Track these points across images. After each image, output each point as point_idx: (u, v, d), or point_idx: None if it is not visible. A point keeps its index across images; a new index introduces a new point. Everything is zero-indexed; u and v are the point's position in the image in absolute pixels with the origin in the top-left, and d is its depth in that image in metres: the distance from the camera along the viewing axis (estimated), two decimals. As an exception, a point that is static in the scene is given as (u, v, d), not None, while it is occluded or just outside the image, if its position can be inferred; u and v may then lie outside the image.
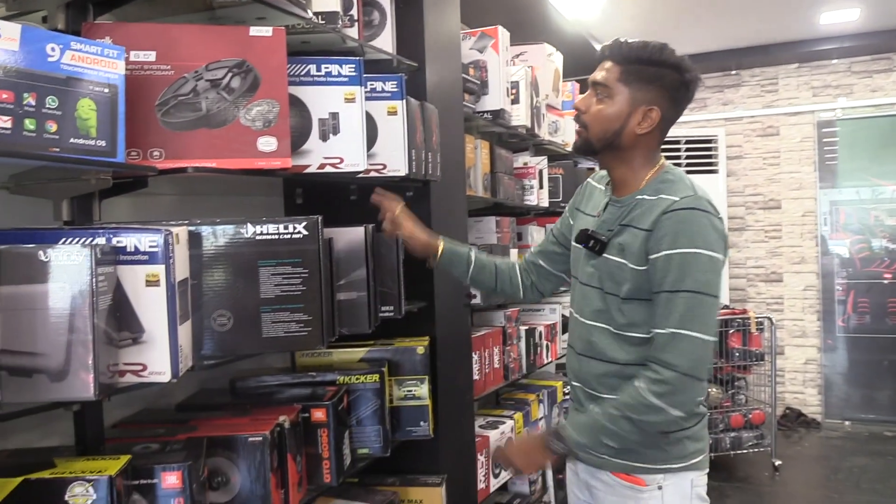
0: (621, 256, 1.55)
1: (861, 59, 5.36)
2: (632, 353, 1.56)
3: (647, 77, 1.55)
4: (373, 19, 2.05)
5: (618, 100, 1.56)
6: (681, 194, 1.51)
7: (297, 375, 1.83)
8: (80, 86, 1.19)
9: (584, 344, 1.64)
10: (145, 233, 1.22)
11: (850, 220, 5.39)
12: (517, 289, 1.93)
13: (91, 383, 1.11)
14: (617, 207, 1.61)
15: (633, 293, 1.54)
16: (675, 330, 1.46)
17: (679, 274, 1.46)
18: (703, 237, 1.47)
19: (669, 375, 1.46)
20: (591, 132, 1.61)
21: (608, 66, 1.58)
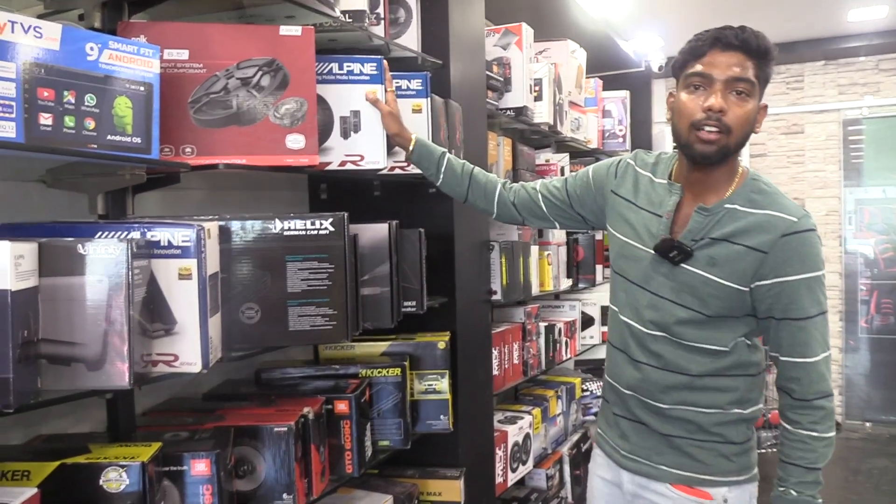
0: (711, 272, 1.45)
1: (889, 56, 5.29)
2: (705, 364, 1.49)
3: (767, 73, 1.45)
4: (399, 17, 2.07)
5: (755, 98, 1.44)
6: (795, 213, 1.43)
7: (321, 368, 1.87)
8: (117, 84, 1.23)
9: (646, 353, 1.54)
10: (179, 227, 1.26)
11: (875, 220, 5.33)
12: (490, 204, 1.81)
13: (126, 372, 1.15)
14: (704, 216, 1.46)
15: (723, 311, 1.46)
16: (819, 357, 1.44)
17: (810, 299, 1.43)
18: (821, 257, 1.45)
19: (831, 405, 1.46)
20: (734, 137, 1.42)
21: (743, 61, 1.41)
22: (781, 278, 1.42)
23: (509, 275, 2.57)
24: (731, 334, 1.49)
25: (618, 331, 1.62)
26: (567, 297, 3.59)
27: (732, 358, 1.50)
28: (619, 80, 4.60)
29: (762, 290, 1.44)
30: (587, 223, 1.77)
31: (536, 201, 1.77)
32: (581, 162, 3.51)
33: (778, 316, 1.45)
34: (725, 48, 1.41)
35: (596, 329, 3.64)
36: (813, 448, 1.44)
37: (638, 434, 1.58)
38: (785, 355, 1.46)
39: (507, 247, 2.55)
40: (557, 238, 3.19)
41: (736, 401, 1.52)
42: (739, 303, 1.46)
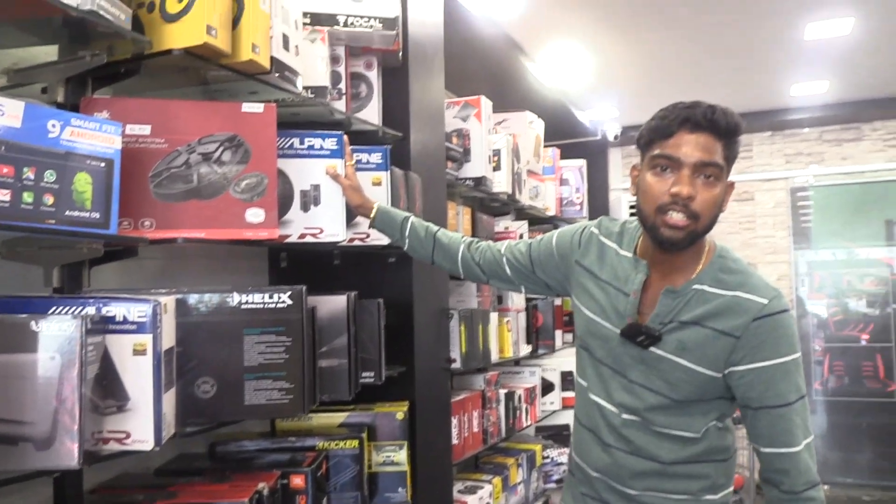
0: (681, 356, 1.39)
1: (831, 128, 5.56)
2: (676, 451, 1.44)
3: (735, 152, 1.39)
4: (360, 91, 2.13)
5: (724, 180, 1.38)
6: (766, 294, 1.37)
7: (277, 440, 1.84)
8: (78, 160, 1.24)
9: (616, 436, 1.47)
10: (134, 303, 1.26)
11: (825, 284, 5.50)
12: (455, 265, 1.79)
13: (76, 452, 1.12)
14: (672, 299, 1.41)
15: (693, 395, 1.41)
16: (802, 445, 1.37)
17: (788, 385, 1.36)
18: (796, 339, 1.39)
19: (821, 495, 1.38)
20: (702, 223, 1.36)
21: (711, 143, 1.34)
22: (755, 364, 1.36)
23: (468, 342, 2.58)
24: (703, 419, 1.44)
25: (586, 410, 1.55)
26: (527, 363, 3.61)
27: (704, 444, 1.45)
28: (576, 148, 4.75)
29: (736, 376, 1.38)
30: (550, 289, 1.72)
31: (501, 264, 1.74)
32: (540, 229, 3.58)
33: (755, 405, 1.39)
34: (694, 129, 1.34)
35: (556, 395, 3.65)
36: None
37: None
38: (767, 446, 1.39)
39: (466, 314, 2.58)
40: (517, 304, 3.22)
41: (707, 487, 1.46)
42: (711, 388, 1.41)
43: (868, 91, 5.00)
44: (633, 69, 4.28)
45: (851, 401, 5.37)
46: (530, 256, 1.70)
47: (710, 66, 4.30)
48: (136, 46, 1.40)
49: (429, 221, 2.32)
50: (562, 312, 3.72)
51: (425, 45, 2.41)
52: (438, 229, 1.82)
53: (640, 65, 4.21)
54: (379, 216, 1.81)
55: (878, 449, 5.29)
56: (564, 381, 3.69)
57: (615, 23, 3.50)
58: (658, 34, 3.72)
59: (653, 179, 1.38)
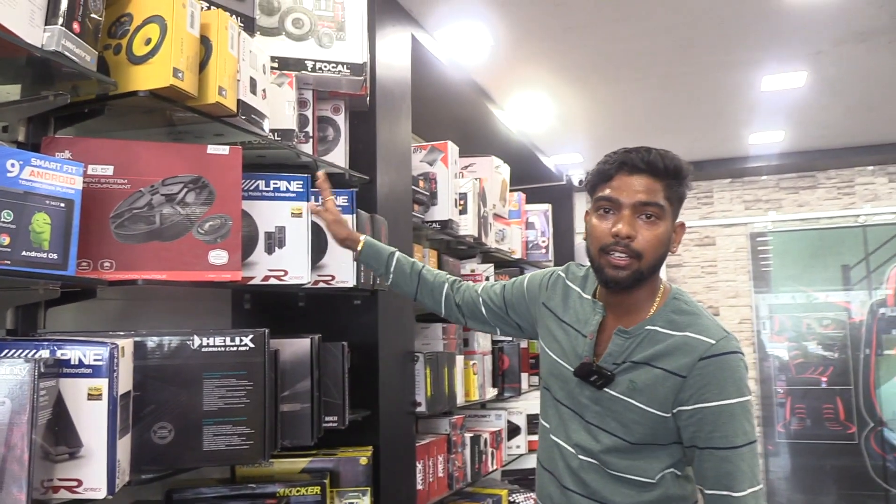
0: (632, 397, 1.39)
1: (788, 175, 5.72)
2: (631, 496, 1.42)
3: (680, 193, 1.43)
4: (327, 135, 2.14)
5: (667, 220, 1.40)
6: (714, 335, 1.38)
7: (236, 487, 1.79)
8: (37, 200, 1.22)
9: (574, 479, 1.47)
10: (90, 346, 1.23)
11: (785, 327, 5.60)
12: (438, 304, 1.79)
13: (24, 501, 1.08)
14: (624, 339, 1.42)
15: (647, 438, 1.40)
16: (747, 492, 1.33)
17: (733, 428, 1.34)
18: (745, 383, 1.37)
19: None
20: (646, 261, 1.38)
21: (651, 184, 1.38)
22: (701, 404, 1.35)
23: (434, 385, 2.57)
24: (658, 464, 1.42)
25: (548, 452, 1.54)
26: (493, 407, 3.59)
27: (659, 491, 1.42)
28: (542, 193, 4.81)
29: (683, 416, 1.37)
30: (523, 332, 1.74)
31: (478, 305, 1.76)
32: (506, 272, 3.60)
33: (701, 445, 1.37)
34: (632, 171, 1.39)
35: (522, 438, 3.63)
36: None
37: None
38: (710, 488, 1.37)
39: (431, 357, 2.56)
40: (483, 347, 3.22)
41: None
42: (663, 430, 1.40)
43: (822, 141, 5.17)
44: (595, 117, 4.38)
45: (813, 443, 5.43)
46: (504, 298, 1.73)
47: (671, 115, 4.42)
48: (101, 87, 1.40)
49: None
50: (528, 355, 3.72)
51: (393, 90, 2.44)
52: (423, 266, 1.83)
53: (602, 113, 4.31)
54: (366, 249, 1.79)
55: (840, 491, 5.33)
56: (530, 425, 3.67)
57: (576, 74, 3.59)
58: (621, 85, 3.82)
59: (596, 221, 1.43)
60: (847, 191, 5.62)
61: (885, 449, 5.30)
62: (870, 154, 5.30)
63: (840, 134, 4.99)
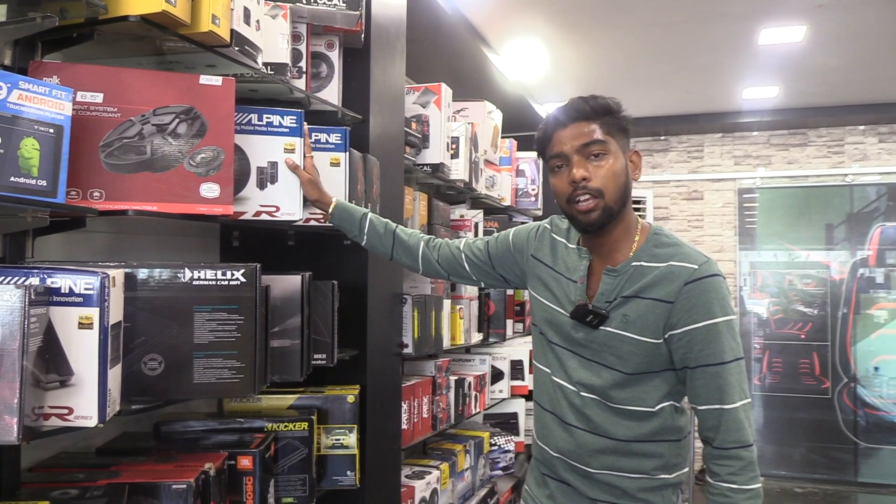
0: (626, 329, 1.49)
1: (779, 132, 5.72)
2: (633, 428, 1.52)
3: (619, 125, 1.51)
4: (321, 71, 2.10)
5: (616, 153, 1.49)
6: (696, 261, 1.47)
7: (225, 421, 1.81)
8: (26, 125, 1.19)
9: (577, 415, 1.56)
10: (81, 275, 1.22)
11: (767, 283, 5.67)
12: (415, 262, 1.86)
13: (15, 426, 1.09)
14: (613, 277, 1.51)
15: (642, 367, 1.50)
16: (737, 404, 1.45)
17: (721, 345, 1.45)
18: (729, 302, 1.47)
19: (751, 455, 1.45)
20: (609, 196, 1.48)
21: (585, 126, 1.48)
22: (689, 326, 1.45)
23: (421, 328, 2.58)
24: (656, 393, 1.51)
25: (549, 393, 1.63)
26: (477, 351, 3.63)
27: (658, 422, 1.52)
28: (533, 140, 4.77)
29: (674, 339, 1.47)
30: (508, 283, 1.83)
31: (460, 261, 1.83)
32: (494, 219, 3.60)
33: (692, 364, 1.47)
34: (566, 123, 1.50)
35: (505, 383, 3.68)
36: (734, 501, 1.44)
37: (565, 496, 1.60)
38: (702, 404, 1.48)
39: (419, 300, 2.57)
40: (469, 292, 3.24)
41: (661, 466, 1.54)
42: (656, 356, 1.49)
43: (816, 98, 5.15)
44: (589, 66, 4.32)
45: (788, 397, 5.56)
46: (489, 253, 1.81)
47: (666, 66, 4.37)
48: (90, 10, 1.35)
49: (385, 206, 2.32)
50: (513, 302, 3.75)
51: (388, 28, 2.39)
52: (397, 226, 1.88)
53: (596, 62, 4.26)
54: (337, 212, 1.83)
55: (810, 444, 5.49)
56: (514, 370, 3.72)
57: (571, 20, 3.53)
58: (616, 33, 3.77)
59: (554, 180, 1.54)
60: (837, 149, 5.63)
61: (857, 404, 5.44)
62: (863, 113, 5.30)
63: (834, 91, 4.98)
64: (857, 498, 5.19)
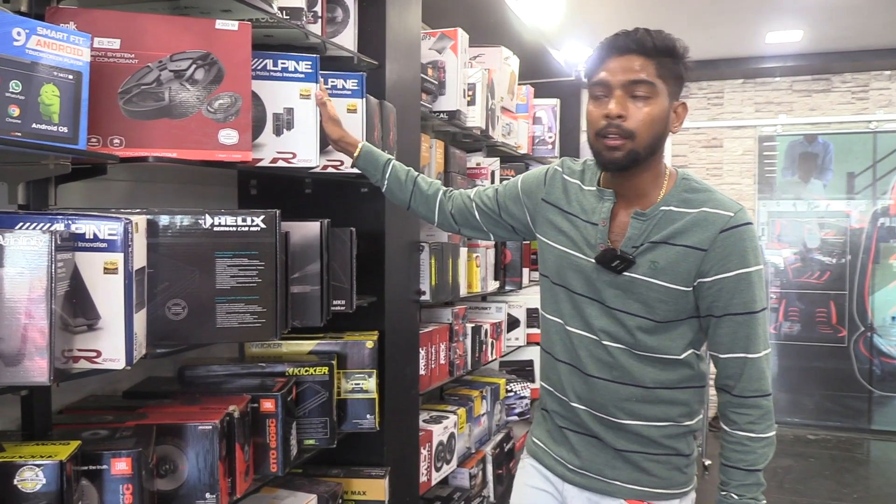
0: (655, 276, 1.43)
1: (802, 78, 5.59)
2: (660, 375, 1.48)
3: (676, 71, 1.42)
4: (336, 16, 2.07)
5: (661, 99, 1.40)
6: (731, 208, 1.42)
7: (247, 366, 1.85)
8: (45, 71, 1.19)
9: (599, 365, 1.50)
10: (105, 220, 1.23)
11: (786, 232, 5.62)
12: (432, 212, 1.80)
13: (46, 368, 1.12)
14: (642, 221, 1.45)
15: (672, 315, 1.45)
16: (762, 354, 1.44)
17: (751, 294, 1.42)
18: (760, 252, 1.44)
19: (769, 404, 1.45)
20: (640, 141, 1.40)
21: (640, 62, 1.39)
22: (722, 275, 1.41)
23: (438, 276, 2.60)
24: (681, 340, 1.48)
25: (564, 343, 1.55)
26: (494, 299, 3.66)
27: (684, 369, 1.49)
28: (550, 88, 4.71)
29: (704, 287, 1.43)
30: (516, 234, 1.75)
31: (471, 210, 1.77)
32: (511, 167, 3.58)
33: (718, 313, 1.43)
34: (621, 52, 1.40)
35: (521, 331, 3.72)
36: (752, 449, 1.44)
37: (589, 449, 1.54)
38: (725, 352, 1.45)
39: (436, 248, 2.58)
40: (487, 242, 3.24)
41: (686, 413, 1.52)
42: (684, 304, 1.45)
43: (841, 43, 5.01)
44: (607, 11, 4.22)
45: (803, 345, 5.57)
46: (497, 201, 1.73)
47: (687, 9, 4.26)
48: (105, -46, 1.34)
49: (402, 153, 2.31)
50: (529, 250, 3.75)
51: (403, -29, 2.34)
52: (418, 174, 1.83)
53: (614, 7, 4.16)
54: (363, 154, 1.78)
55: (825, 391, 5.51)
56: (530, 318, 3.75)
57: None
58: (638, -27, 3.67)
59: (591, 107, 1.45)
60: (861, 95, 5.51)
61: (873, 353, 5.44)
62: (889, 58, 5.16)
63: (860, 35, 4.84)
64: (870, 445, 5.23)
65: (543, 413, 1.66)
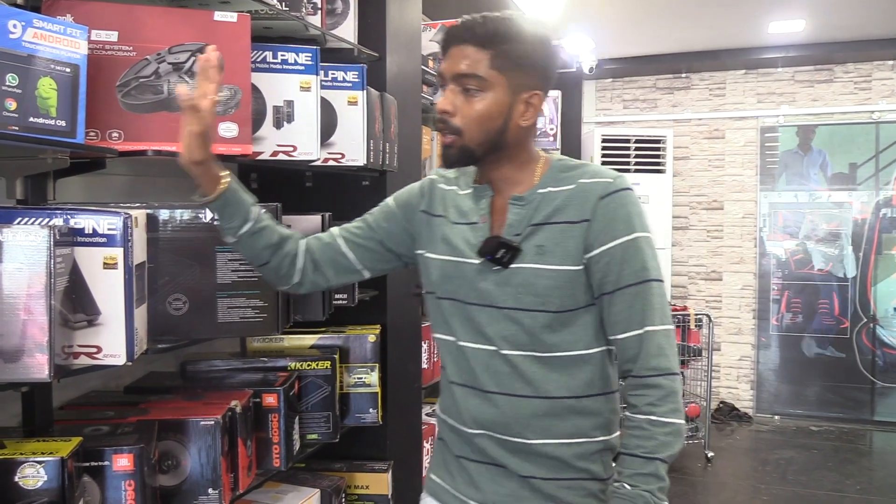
0: (542, 261, 1.29)
1: (804, 69, 5.56)
2: (568, 381, 1.32)
3: (521, 58, 1.27)
4: (336, 8, 2.05)
5: (496, 92, 1.27)
6: (608, 175, 1.31)
7: (249, 360, 1.84)
8: (42, 64, 1.18)
9: (498, 379, 1.33)
10: (104, 215, 1.22)
11: (788, 223, 5.60)
12: (295, 273, 1.44)
13: (46, 365, 1.11)
14: (521, 206, 1.32)
15: (569, 303, 1.30)
16: (658, 328, 1.29)
17: (643, 261, 1.29)
18: (644, 217, 1.32)
19: (672, 384, 1.28)
20: (469, 137, 1.29)
21: (472, 53, 1.26)
22: (609, 244, 1.28)
23: (440, 269, 2.58)
24: (585, 333, 1.32)
25: (457, 362, 1.38)
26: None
27: (590, 370, 1.33)
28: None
29: (593, 262, 1.29)
30: (401, 259, 1.52)
31: (339, 249, 1.47)
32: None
33: (610, 288, 1.29)
34: (456, 42, 1.28)
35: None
36: (651, 434, 1.25)
37: (492, 480, 1.35)
38: (622, 332, 1.30)
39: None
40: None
41: (600, 426, 1.35)
42: (579, 287, 1.30)
43: (844, 32, 4.98)
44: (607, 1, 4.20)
45: (805, 336, 5.56)
46: (370, 227, 1.49)
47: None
48: (101, -55, 1.32)
49: (403, 146, 2.29)
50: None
51: (403, -38, 2.32)
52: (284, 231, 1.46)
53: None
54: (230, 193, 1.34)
55: (827, 383, 5.50)
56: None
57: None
58: (640, -37, 3.64)
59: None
60: (864, 86, 5.48)
61: (876, 344, 5.43)
62: (892, 48, 5.13)
63: (863, 25, 4.81)
64: (873, 436, 5.23)
65: (440, 443, 1.48)
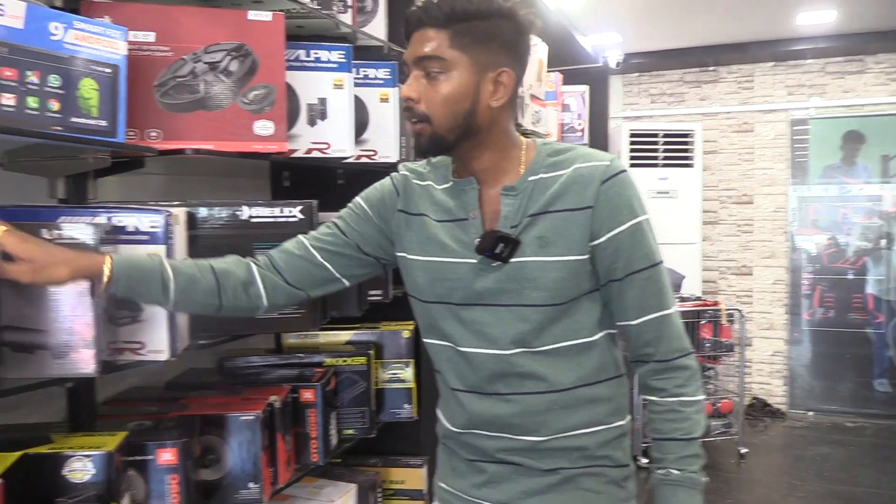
0: (546, 254, 1.22)
1: (835, 60, 5.47)
2: (576, 370, 1.27)
3: (484, 34, 1.19)
4: (366, 5, 2.06)
5: (460, 73, 1.19)
6: (604, 158, 1.24)
7: (285, 356, 1.86)
8: (83, 65, 1.20)
9: (507, 381, 1.26)
10: (145, 213, 1.24)
11: (819, 217, 5.52)
12: (258, 298, 1.30)
13: (92, 360, 1.13)
14: (513, 196, 1.24)
15: (573, 292, 1.24)
16: (672, 309, 1.27)
17: (649, 245, 1.25)
18: (642, 199, 1.27)
19: (694, 363, 1.28)
20: (438, 123, 1.20)
21: (432, 35, 1.18)
22: (616, 230, 1.22)
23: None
24: (589, 318, 1.27)
25: (458, 369, 1.30)
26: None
27: (598, 356, 1.28)
28: (579, 74, 4.65)
29: (600, 249, 1.23)
30: (380, 263, 1.41)
31: (314, 261, 1.34)
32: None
33: (620, 275, 1.24)
34: (415, 26, 1.20)
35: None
36: (686, 415, 1.25)
37: (510, 478, 1.30)
38: (638, 317, 1.26)
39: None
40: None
41: (614, 411, 1.31)
42: (584, 275, 1.24)
43: (875, 22, 4.89)
44: (638, -7, 4.17)
45: (837, 331, 5.47)
46: (344, 233, 1.37)
47: (718, -10, 4.19)
48: (139, -54, 1.34)
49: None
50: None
51: (431, -41, 2.32)
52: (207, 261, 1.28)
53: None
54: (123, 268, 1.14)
55: (861, 378, 5.41)
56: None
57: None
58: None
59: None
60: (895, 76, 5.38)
61: (911, 339, 5.33)
62: (925, 36, 5.03)
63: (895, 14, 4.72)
64: (910, 432, 5.14)
65: (445, 450, 1.42)
